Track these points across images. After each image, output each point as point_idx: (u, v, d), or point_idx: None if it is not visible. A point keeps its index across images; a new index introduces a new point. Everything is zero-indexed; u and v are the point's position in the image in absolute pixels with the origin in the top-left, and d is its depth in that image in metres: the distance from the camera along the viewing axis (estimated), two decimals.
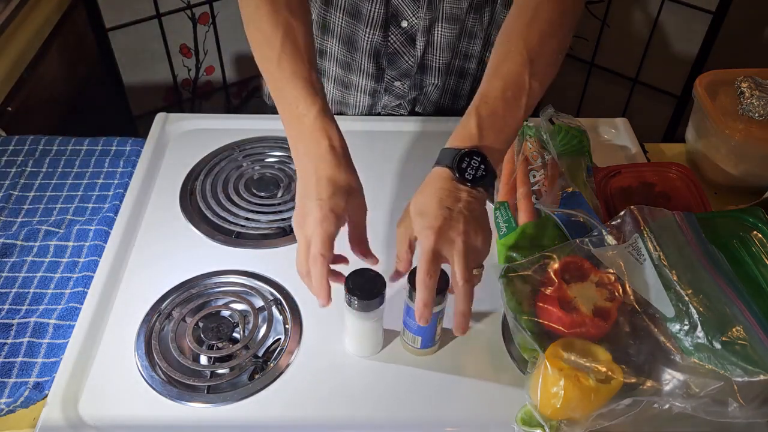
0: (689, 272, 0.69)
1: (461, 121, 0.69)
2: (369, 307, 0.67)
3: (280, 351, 0.74)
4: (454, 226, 0.63)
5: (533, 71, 0.69)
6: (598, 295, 0.69)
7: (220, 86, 1.77)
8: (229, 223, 0.89)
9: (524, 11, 0.73)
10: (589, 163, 0.88)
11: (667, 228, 0.73)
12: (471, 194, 0.66)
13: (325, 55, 1.01)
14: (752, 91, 0.94)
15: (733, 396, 0.61)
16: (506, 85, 0.69)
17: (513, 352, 0.74)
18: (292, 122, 0.71)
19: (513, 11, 0.75)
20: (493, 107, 0.68)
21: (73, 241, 0.86)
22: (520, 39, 0.70)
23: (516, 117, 0.69)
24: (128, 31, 1.53)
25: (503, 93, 0.68)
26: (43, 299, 0.80)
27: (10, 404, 0.69)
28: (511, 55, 0.70)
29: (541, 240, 0.75)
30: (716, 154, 0.95)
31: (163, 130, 1.03)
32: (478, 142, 0.67)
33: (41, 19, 1.30)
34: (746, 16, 1.60)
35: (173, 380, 0.71)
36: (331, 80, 1.04)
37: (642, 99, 1.84)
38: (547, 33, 0.71)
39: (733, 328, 0.64)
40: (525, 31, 0.71)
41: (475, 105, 0.69)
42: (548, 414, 0.64)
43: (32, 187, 0.95)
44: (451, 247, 0.63)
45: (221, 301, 0.80)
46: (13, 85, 1.18)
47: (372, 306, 0.67)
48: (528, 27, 0.71)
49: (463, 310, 0.64)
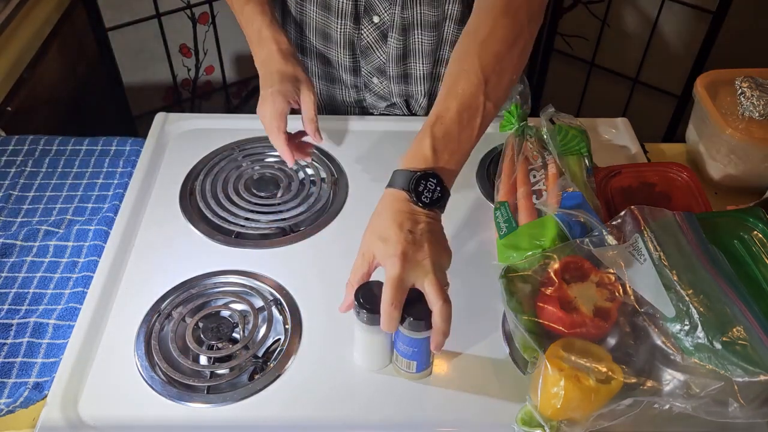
0: (690, 272, 0.69)
1: (415, 141, 0.69)
2: (378, 320, 0.65)
3: (280, 351, 0.74)
4: (420, 250, 0.64)
5: (487, 92, 0.69)
6: (598, 295, 0.69)
7: (219, 86, 1.77)
8: (228, 223, 0.89)
9: (479, 29, 0.73)
10: (589, 163, 0.88)
11: (668, 228, 0.73)
12: (429, 216, 0.66)
13: (306, 51, 1.04)
14: (752, 91, 0.94)
15: (734, 396, 0.61)
16: (461, 107, 0.69)
17: (513, 352, 0.73)
18: (252, 36, 0.91)
19: (468, 28, 0.74)
20: (447, 128, 0.68)
21: (73, 241, 0.86)
22: (476, 58, 0.70)
23: (470, 138, 0.70)
24: (128, 31, 1.53)
25: (458, 114, 0.69)
26: (43, 299, 0.79)
27: (10, 404, 0.69)
28: (466, 74, 0.70)
29: (541, 240, 0.75)
30: (716, 154, 0.95)
31: (163, 130, 1.03)
32: (433, 164, 0.67)
33: (41, 19, 1.30)
34: (746, 16, 1.60)
35: (173, 380, 0.71)
36: (315, 77, 1.06)
37: (642, 99, 1.84)
38: (501, 53, 0.71)
39: (734, 329, 0.64)
40: (480, 50, 0.71)
41: (430, 125, 0.69)
42: (548, 414, 0.64)
43: (32, 187, 0.95)
44: (421, 271, 0.63)
45: (221, 301, 0.80)
46: (13, 85, 1.18)
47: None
48: (482, 46, 0.71)
49: (444, 330, 0.63)
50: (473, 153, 0.72)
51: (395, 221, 0.65)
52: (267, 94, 0.86)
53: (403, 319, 0.64)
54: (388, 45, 0.95)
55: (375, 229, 0.66)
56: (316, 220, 0.90)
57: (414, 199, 0.66)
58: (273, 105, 0.85)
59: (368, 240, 0.67)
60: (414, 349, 0.68)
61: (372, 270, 0.67)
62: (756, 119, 0.93)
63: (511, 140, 0.93)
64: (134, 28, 1.54)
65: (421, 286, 0.64)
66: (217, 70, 1.73)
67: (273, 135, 0.86)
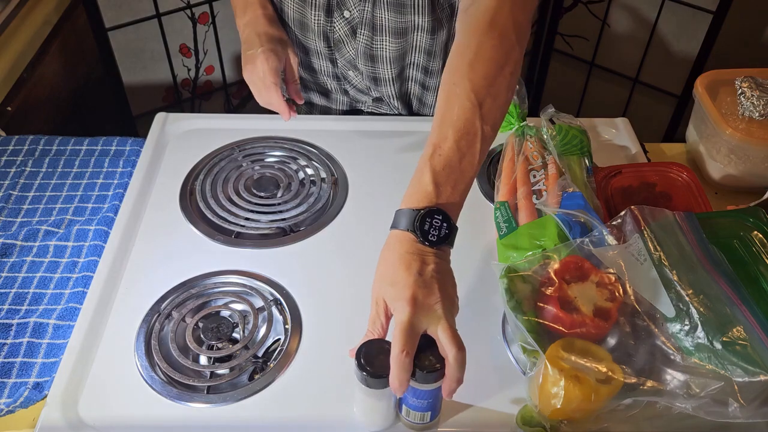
0: (690, 272, 0.69)
1: (414, 177, 0.65)
2: (382, 384, 0.60)
3: (280, 351, 0.74)
4: (431, 294, 0.60)
5: (483, 115, 0.66)
6: (598, 295, 0.69)
7: (219, 86, 1.77)
8: (229, 223, 0.89)
9: (466, 50, 0.68)
10: (589, 163, 0.88)
11: (668, 228, 0.73)
12: (437, 255, 0.63)
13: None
14: (752, 91, 0.94)
15: (734, 396, 0.61)
16: (458, 134, 0.65)
17: (513, 352, 0.74)
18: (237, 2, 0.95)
19: (455, 48, 0.70)
20: (447, 158, 0.64)
21: (73, 241, 0.86)
22: (466, 80, 0.66)
23: (472, 165, 0.66)
24: (128, 31, 1.53)
25: (456, 143, 0.65)
26: (43, 299, 0.79)
27: (10, 404, 0.69)
28: (458, 99, 0.66)
29: (541, 240, 0.75)
30: (716, 154, 0.95)
31: (163, 130, 1.03)
32: (436, 200, 0.63)
33: (41, 19, 1.30)
34: (746, 16, 1.60)
35: (173, 380, 0.71)
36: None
37: (642, 99, 1.84)
38: (492, 74, 0.67)
39: (734, 329, 0.64)
40: (469, 71, 0.67)
41: (428, 157, 0.65)
42: (548, 414, 0.64)
43: (32, 187, 0.95)
44: (433, 317, 0.60)
45: (221, 301, 0.80)
46: (13, 85, 1.18)
47: (385, 383, 0.60)
48: (471, 67, 0.67)
49: (459, 377, 0.60)
50: None
51: (402, 263, 0.61)
52: (257, 53, 0.88)
53: (414, 371, 0.60)
54: (357, 41, 0.96)
55: (383, 274, 0.63)
56: (316, 220, 0.90)
57: (420, 239, 0.62)
58: (267, 62, 0.87)
59: (378, 287, 0.63)
60: (428, 401, 0.63)
61: (389, 318, 0.62)
62: (756, 119, 0.93)
63: (511, 140, 0.93)
64: (134, 28, 1.53)
65: (434, 333, 0.60)
66: (217, 70, 1.73)
67: (271, 91, 0.88)
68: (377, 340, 0.62)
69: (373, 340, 0.62)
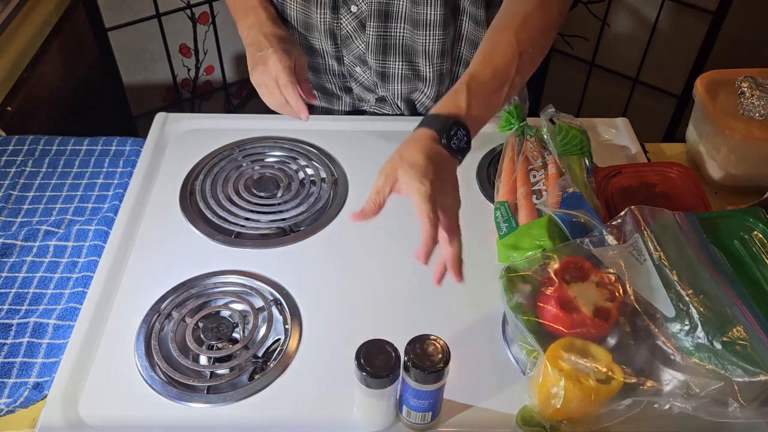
0: (690, 272, 0.69)
1: (451, 91, 0.72)
2: (382, 384, 0.61)
3: (280, 351, 0.74)
4: (446, 182, 0.66)
5: (520, 66, 0.75)
6: (598, 295, 0.69)
7: (219, 86, 1.77)
8: (229, 223, 0.89)
9: (516, 15, 0.78)
10: (589, 163, 0.88)
11: (668, 228, 0.73)
12: (451, 161, 0.69)
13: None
14: (752, 91, 0.94)
15: (734, 396, 0.61)
16: (495, 73, 0.74)
17: (513, 352, 0.74)
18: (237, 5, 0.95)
19: (502, 16, 0.80)
20: (482, 87, 0.72)
21: (73, 241, 0.86)
22: (513, 35, 0.76)
23: (497, 104, 0.75)
24: (128, 30, 1.53)
25: (492, 79, 0.73)
26: (43, 299, 0.79)
27: (10, 404, 0.69)
28: (502, 46, 0.75)
29: (541, 240, 0.75)
30: (716, 154, 0.95)
31: (163, 130, 1.03)
32: (465, 116, 0.70)
33: (41, 19, 1.30)
34: (746, 16, 1.60)
35: (173, 380, 0.71)
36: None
37: (642, 99, 1.84)
38: (536, 38, 0.78)
39: (734, 329, 0.64)
40: (518, 29, 0.76)
41: (466, 81, 0.72)
42: (548, 414, 0.64)
43: (32, 187, 0.95)
44: (446, 198, 0.65)
45: (221, 301, 0.80)
46: (13, 85, 1.18)
47: (385, 383, 0.61)
48: (521, 27, 0.77)
49: (459, 253, 0.65)
50: (473, 153, 0.73)
51: (425, 153, 0.66)
52: (268, 54, 0.87)
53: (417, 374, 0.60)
54: (366, 34, 0.95)
55: (403, 156, 0.66)
56: (316, 220, 0.90)
57: (445, 142, 0.68)
58: (280, 62, 0.87)
59: (394, 164, 0.66)
60: (428, 402, 0.64)
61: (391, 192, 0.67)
62: (756, 119, 0.93)
63: (511, 140, 0.93)
64: (134, 28, 1.53)
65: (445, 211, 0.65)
66: (217, 70, 1.73)
67: (288, 89, 0.87)
68: (377, 340, 0.62)
69: (373, 340, 0.62)
